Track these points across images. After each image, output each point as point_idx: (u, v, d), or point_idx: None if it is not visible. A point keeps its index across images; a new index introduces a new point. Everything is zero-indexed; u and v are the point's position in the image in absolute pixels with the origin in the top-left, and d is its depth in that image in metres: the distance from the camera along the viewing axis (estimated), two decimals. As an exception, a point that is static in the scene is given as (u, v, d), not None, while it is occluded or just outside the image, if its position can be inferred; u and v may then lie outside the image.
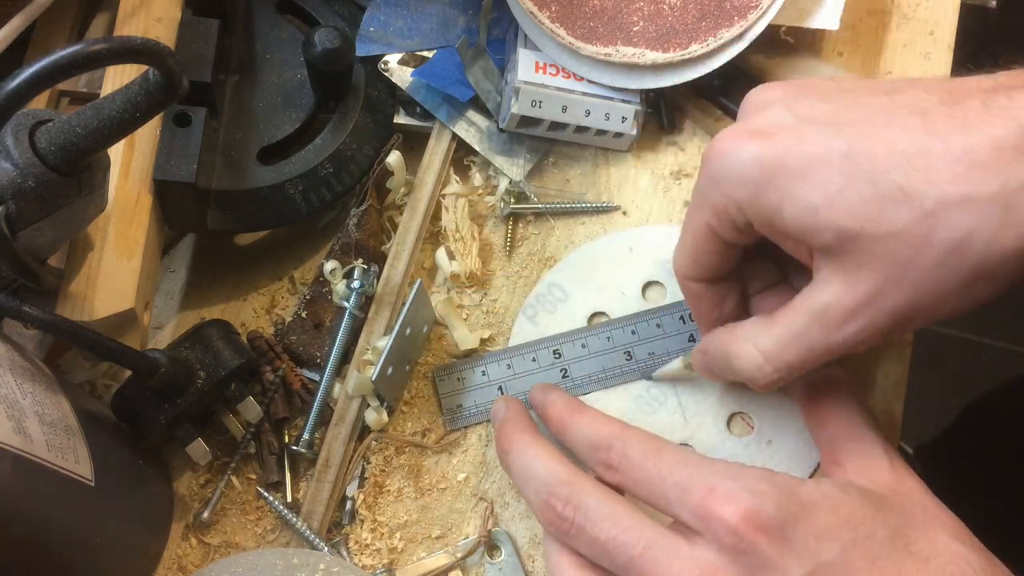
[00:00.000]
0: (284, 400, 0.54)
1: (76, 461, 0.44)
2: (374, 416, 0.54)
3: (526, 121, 0.58)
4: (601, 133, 0.59)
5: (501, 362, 0.55)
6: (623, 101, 0.58)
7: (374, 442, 0.54)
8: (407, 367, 0.55)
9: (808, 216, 0.39)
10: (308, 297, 0.57)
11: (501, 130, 0.59)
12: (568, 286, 0.56)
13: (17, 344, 0.46)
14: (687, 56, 0.57)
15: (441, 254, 0.57)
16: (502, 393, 0.54)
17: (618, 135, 0.59)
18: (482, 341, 0.56)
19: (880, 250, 0.38)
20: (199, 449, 0.51)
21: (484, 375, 0.55)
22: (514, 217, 0.59)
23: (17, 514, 0.40)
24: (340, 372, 0.55)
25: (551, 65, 0.58)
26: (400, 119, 0.60)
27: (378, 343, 0.54)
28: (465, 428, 0.55)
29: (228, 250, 0.60)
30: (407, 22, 0.61)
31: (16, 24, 0.55)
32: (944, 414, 1.05)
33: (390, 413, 0.54)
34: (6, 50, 0.54)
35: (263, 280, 0.59)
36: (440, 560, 0.52)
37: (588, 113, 0.58)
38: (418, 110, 0.60)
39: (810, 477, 0.51)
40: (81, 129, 0.41)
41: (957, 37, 0.63)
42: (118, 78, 0.53)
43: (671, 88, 0.58)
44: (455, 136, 0.60)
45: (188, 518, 0.53)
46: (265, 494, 0.53)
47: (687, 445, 0.53)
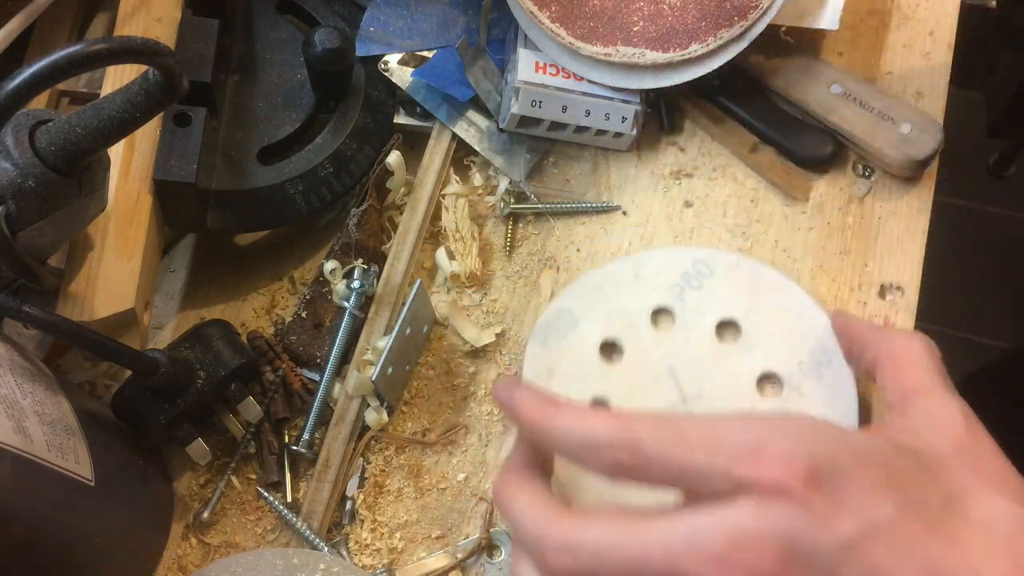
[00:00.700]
0: (284, 400, 0.54)
1: (76, 461, 0.44)
2: (374, 416, 0.54)
3: (526, 121, 0.58)
4: (601, 133, 0.59)
5: None
6: (623, 101, 0.58)
7: (374, 441, 0.54)
8: (407, 367, 0.55)
9: None
10: (308, 297, 0.57)
11: (501, 130, 0.59)
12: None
13: (17, 344, 0.46)
14: (687, 56, 0.57)
15: (441, 254, 0.58)
16: None
17: (618, 135, 0.59)
18: (496, 336, 0.56)
19: None
20: (199, 449, 0.51)
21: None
22: (514, 217, 0.59)
23: (17, 514, 0.40)
24: (340, 372, 0.55)
25: (551, 65, 0.58)
26: (400, 119, 0.60)
27: (378, 343, 0.54)
28: (466, 426, 0.55)
29: (228, 250, 0.60)
30: (407, 22, 0.61)
31: (16, 24, 0.55)
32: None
33: (390, 413, 0.54)
34: (6, 50, 0.54)
35: (263, 280, 0.59)
36: (440, 560, 0.52)
37: (588, 113, 0.58)
38: (418, 110, 0.60)
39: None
40: (81, 129, 0.41)
41: (957, 37, 0.63)
42: (118, 78, 0.53)
43: (671, 88, 0.58)
44: (455, 136, 0.60)
45: (188, 518, 0.53)
46: (265, 494, 0.53)
47: None
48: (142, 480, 0.51)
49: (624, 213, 0.59)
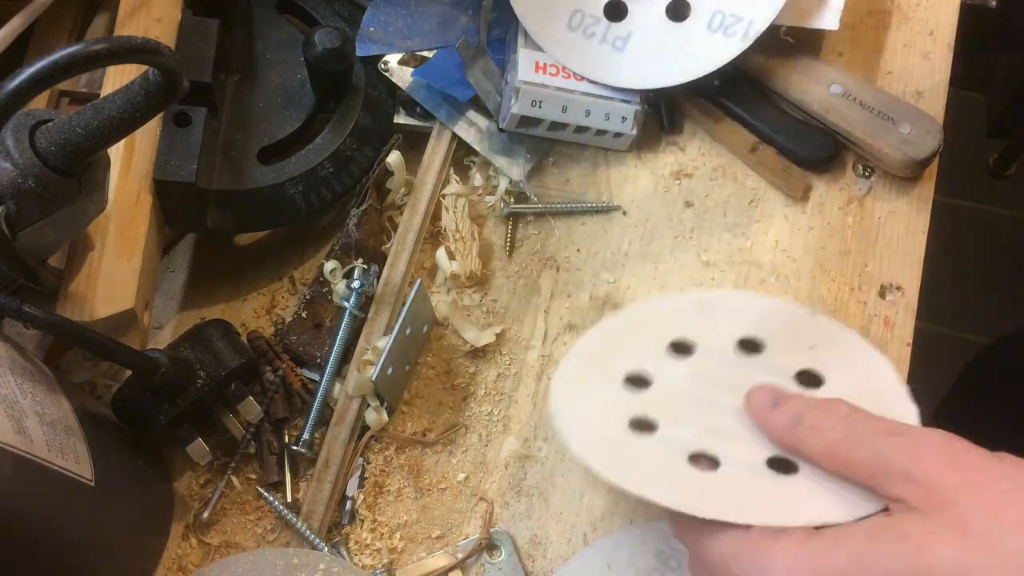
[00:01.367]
0: (284, 400, 0.54)
1: (76, 461, 0.44)
2: (374, 416, 0.54)
3: (526, 121, 0.58)
4: (601, 133, 0.59)
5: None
6: (623, 101, 0.58)
7: (374, 441, 0.54)
8: (407, 367, 0.55)
9: None
10: (308, 297, 0.57)
11: (501, 130, 0.59)
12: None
13: (17, 344, 0.46)
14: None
15: (441, 254, 0.58)
16: None
17: (618, 135, 0.59)
18: (496, 337, 0.56)
19: None
20: (199, 449, 0.51)
21: None
22: (514, 217, 0.59)
23: (17, 514, 0.39)
24: (340, 372, 0.55)
25: (551, 65, 0.58)
26: (400, 119, 0.60)
27: (378, 343, 0.54)
28: (466, 426, 0.55)
29: (228, 250, 0.60)
30: (407, 22, 0.61)
31: (16, 24, 0.55)
32: (944, 414, 1.05)
33: (390, 413, 0.54)
34: (6, 50, 0.54)
35: (263, 280, 0.59)
36: (440, 560, 0.52)
37: (588, 113, 0.58)
38: (418, 110, 0.60)
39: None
40: (81, 129, 0.41)
41: (957, 37, 0.63)
42: (118, 78, 0.53)
43: (671, 88, 0.58)
44: (455, 136, 0.60)
45: (188, 518, 0.53)
46: (265, 494, 0.53)
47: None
48: (142, 480, 0.51)
49: (624, 213, 0.59)
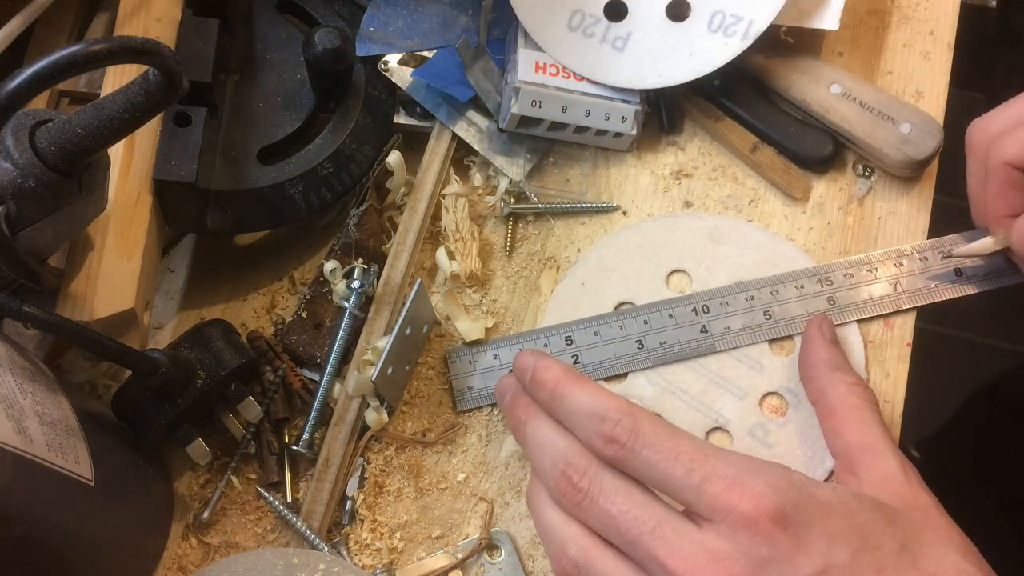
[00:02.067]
0: (284, 400, 0.54)
1: (76, 461, 0.44)
2: (374, 416, 0.54)
3: (526, 121, 0.58)
4: (601, 133, 0.59)
5: (513, 346, 0.55)
6: (623, 101, 0.58)
7: (374, 441, 0.54)
8: (407, 367, 0.55)
9: None
10: (308, 297, 0.57)
11: (501, 130, 0.59)
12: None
13: (17, 344, 0.46)
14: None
15: (441, 254, 0.58)
16: None
17: (618, 135, 0.59)
18: (486, 331, 0.56)
19: None
20: (199, 449, 0.51)
21: (495, 358, 0.55)
22: (514, 217, 0.59)
23: (17, 514, 0.39)
24: (340, 372, 0.55)
25: (551, 65, 0.58)
26: (400, 119, 0.60)
27: (378, 343, 0.54)
28: (466, 425, 0.55)
29: (228, 250, 0.60)
30: (407, 22, 0.61)
31: (16, 24, 0.55)
32: (944, 414, 1.05)
33: (390, 413, 0.54)
34: (6, 50, 0.54)
35: (263, 280, 0.59)
36: (440, 560, 0.52)
37: (588, 113, 0.58)
38: (418, 110, 0.60)
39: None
40: (81, 129, 0.41)
41: (957, 37, 0.63)
42: (118, 78, 0.53)
43: (671, 88, 0.58)
44: (455, 136, 0.60)
45: (188, 518, 0.53)
46: (265, 494, 0.53)
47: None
48: (142, 480, 0.51)
49: (624, 213, 0.59)
